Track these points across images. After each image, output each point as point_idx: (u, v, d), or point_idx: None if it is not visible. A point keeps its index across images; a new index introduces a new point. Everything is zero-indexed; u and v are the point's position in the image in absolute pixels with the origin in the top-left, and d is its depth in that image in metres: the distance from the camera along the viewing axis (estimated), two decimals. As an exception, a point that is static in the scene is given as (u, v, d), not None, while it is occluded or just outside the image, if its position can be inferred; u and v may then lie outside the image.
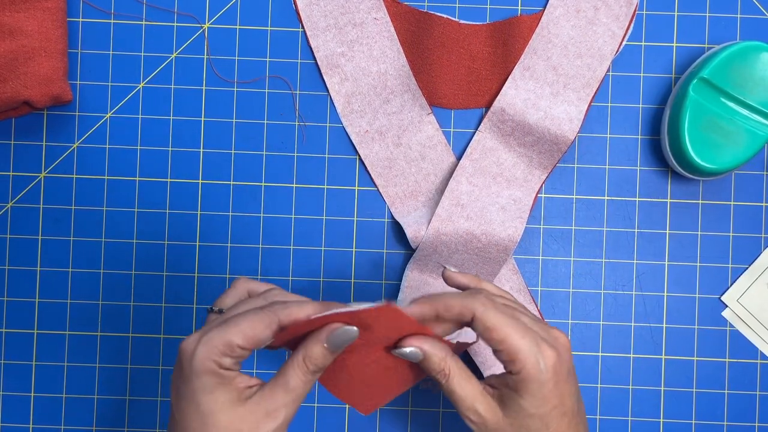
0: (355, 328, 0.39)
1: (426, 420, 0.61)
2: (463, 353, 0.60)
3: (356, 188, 0.62)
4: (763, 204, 0.61)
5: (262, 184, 0.62)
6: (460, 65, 0.61)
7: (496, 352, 0.42)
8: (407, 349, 0.42)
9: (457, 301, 0.42)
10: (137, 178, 0.62)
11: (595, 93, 0.61)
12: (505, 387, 0.42)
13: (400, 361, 0.44)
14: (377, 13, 0.61)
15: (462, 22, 0.61)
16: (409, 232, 0.59)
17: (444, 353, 0.42)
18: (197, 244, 0.61)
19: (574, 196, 0.62)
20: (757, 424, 0.60)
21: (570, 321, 0.61)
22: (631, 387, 0.61)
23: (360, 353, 0.43)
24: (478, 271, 0.60)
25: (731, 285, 0.61)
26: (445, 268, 0.49)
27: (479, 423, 0.42)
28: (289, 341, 0.42)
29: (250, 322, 0.39)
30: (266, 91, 0.62)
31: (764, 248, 0.61)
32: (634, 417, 0.61)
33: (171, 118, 0.62)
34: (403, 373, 0.45)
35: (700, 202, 0.62)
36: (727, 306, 0.61)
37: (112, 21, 0.62)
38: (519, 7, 0.62)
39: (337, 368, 0.44)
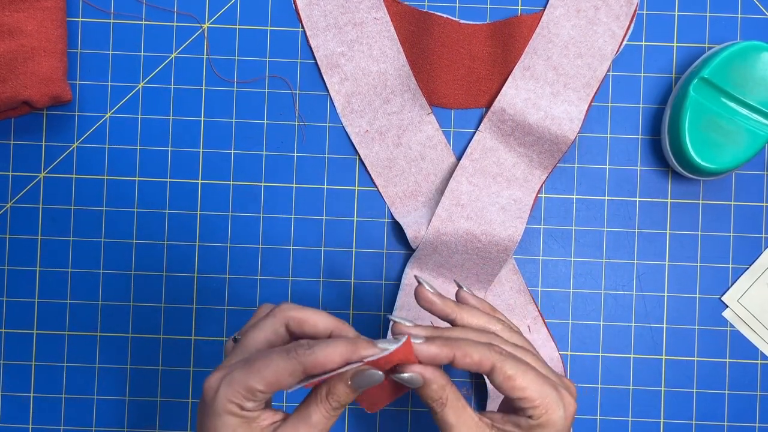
0: (380, 372, 0.38)
1: (426, 420, 0.61)
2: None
3: (356, 188, 0.62)
4: (764, 204, 0.61)
5: (262, 184, 0.62)
6: (460, 65, 0.61)
7: (516, 401, 0.41)
8: (406, 375, 0.40)
9: (477, 352, 0.41)
10: (137, 178, 0.62)
11: (596, 93, 0.61)
12: (516, 427, 0.42)
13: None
14: (377, 13, 0.61)
15: (462, 22, 0.61)
16: (409, 232, 0.59)
17: (444, 381, 0.41)
18: (197, 244, 0.61)
19: (574, 196, 0.62)
20: (757, 425, 0.60)
21: (570, 321, 0.61)
22: (631, 387, 0.61)
23: None
24: (478, 271, 0.60)
25: (732, 285, 0.61)
26: (459, 287, 0.47)
27: None
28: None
29: (273, 368, 0.38)
30: (266, 91, 0.62)
31: (765, 248, 0.61)
32: (635, 417, 0.61)
33: (171, 118, 0.62)
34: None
35: (701, 202, 0.62)
36: (727, 306, 0.61)
37: (111, 21, 0.62)
38: (519, 7, 0.62)
39: None
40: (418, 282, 0.45)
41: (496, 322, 0.45)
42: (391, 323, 0.42)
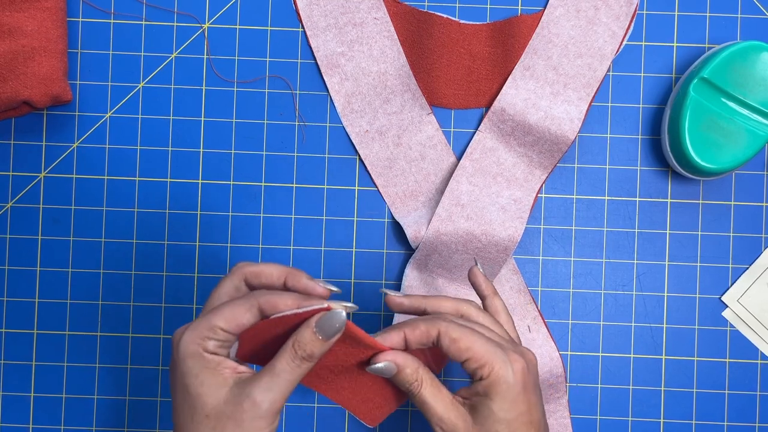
0: (344, 312, 0.39)
1: (426, 420, 0.61)
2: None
3: (356, 188, 0.62)
4: (764, 204, 0.61)
5: (262, 184, 0.62)
6: (460, 65, 0.61)
7: (465, 363, 0.43)
8: (381, 364, 0.43)
9: (424, 323, 0.44)
10: (137, 178, 0.62)
11: (596, 93, 0.61)
12: (476, 395, 0.43)
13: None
14: (377, 13, 0.61)
15: (462, 22, 0.61)
16: (409, 232, 0.59)
17: (417, 365, 0.44)
18: (197, 244, 0.61)
19: (574, 196, 0.62)
20: (757, 425, 0.60)
21: (570, 321, 0.61)
22: (631, 387, 0.61)
23: (346, 368, 0.44)
24: (478, 271, 0.60)
25: (731, 285, 0.61)
26: (475, 263, 0.51)
27: (450, 431, 0.43)
28: (260, 353, 0.42)
29: (231, 306, 0.41)
30: (266, 91, 0.62)
31: (764, 248, 0.61)
32: (635, 417, 0.61)
33: (171, 118, 0.62)
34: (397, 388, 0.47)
35: (701, 202, 0.62)
36: (727, 306, 0.61)
37: (112, 21, 0.62)
38: (519, 7, 0.62)
39: (335, 386, 0.46)
40: (385, 293, 0.48)
41: (465, 304, 0.47)
42: (384, 295, 0.46)
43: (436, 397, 0.43)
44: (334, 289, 0.43)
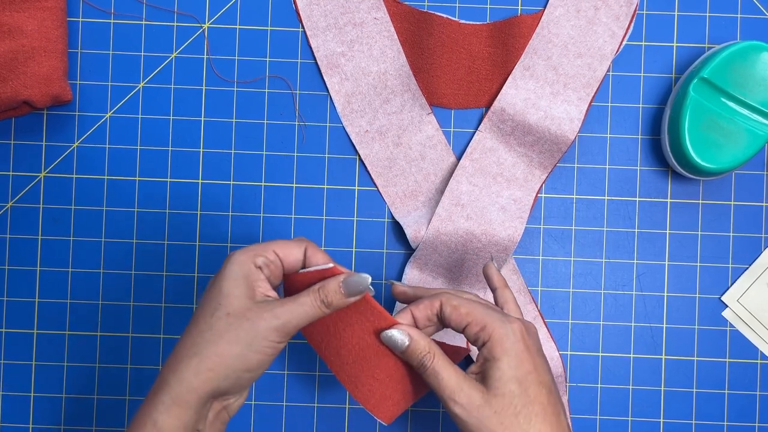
0: (369, 277, 0.44)
1: (426, 420, 0.61)
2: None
3: (356, 188, 0.62)
4: (764, 204, 0.61)
5: (262, 184, 0.62)
6: (460, 65, 0.61)
7: (466, 329, 0.46)
8: (395, 331, 0.45)
9: (427, 296, 0.48)
10: (137, 178, 0.62)
11: (596, 93, 0.61)
12: (484, 362, 0.45)
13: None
14: (377, 13, 0.61)
15: (462, 22, 0.61)
16: (409, 232, 0.59)
17: (428, 339, 0.46)
18: (197, 243, 0.61)
19: (574, 196, 0.62)
20: (757, 424, 0.60)
21: (570, 321, 0.61)
22: (631, 387, 0.61)
23: (366, 357, 0.47)
24: (478, 271, 0.60)
25: (731, 285, 0.61)
26: (491, 259, 0.54)
27: (466, 404, 0.44)
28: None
29: (285, 240, 0.46)
30: (266, 91, 0.62)
31: (764, 248, 0.61)
32: (634, 417, 0.61)
33: (171, 117, 0.62)
34: (415, 372, 0.48)
35: (701, 202, 0.62)
36: (727, 306, 0.61)
37: (112, 21, 0.62)
38: (519, 7, 0.62)
39: (356, 380, 0.48)
40: (392, 283, 0.51)
41: (465, 292, 0.51)
42: (391, 285, 0.51)
43: (449, 370, 0.45)
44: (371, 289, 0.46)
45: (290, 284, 0.47)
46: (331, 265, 0.45)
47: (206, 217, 0.62)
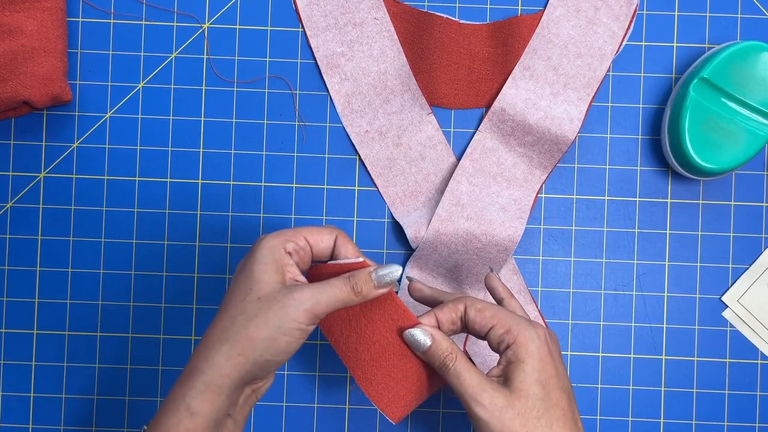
0: (400, 268, 0.45)
1: (426, 420, 0.61)
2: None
3: (356, 188, 0.62)
4: (764, 204, 0.61)
5: (262, 184, 0.62)
6: (460, 65, 0.61)
7: (490, 332, 0.46)
8: (418, 330, 0.46)
9: (451, 300, 0.49)
10: (137, 178, 0.62)
11: (596, 93, 0.61)
12: (508, 364, 0.45)
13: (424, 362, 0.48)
14: (377, 13, 0.61)
15: (462, 22, 0.61)
16: (409, 232, 0.59)
17: (450, 340, 0.46)
18: (197, 244, 0.61)
19: (574, 196, 0.62)
20: (757, 425, 0.60)
21: (570, 321, 0.61)
22: (631, 387, 0.61)
23: (384, 354, 0.47)
24: (478, 271, 0.60)
25: (731, 285, 0.61)
26: (491, 270, 0.54)
27: (488, 405, 0.44)
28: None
29: (316, 226, 0.47)
30: (266, 91, 0.62)
31: (764, 248, 0.61)
32: (635, 417, 0.61)
33: (171, 118, 0.62)
34: (429, 373, 0.48)
35: (701, 202, 0.62)
36: (727, 306, 0.61)
37: (111, 21, 0.62)
38: (519, 7, 0.62)
39: (371, 377, 0.48)
40: (410, 280, 0.52)
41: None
42: (409, 282, 0.52)
43: (471, 371, 0.45)
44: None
45: (317, 274, 0.47)
46: (361, 259, 0.46)
47: (206, 217, 0.62)
